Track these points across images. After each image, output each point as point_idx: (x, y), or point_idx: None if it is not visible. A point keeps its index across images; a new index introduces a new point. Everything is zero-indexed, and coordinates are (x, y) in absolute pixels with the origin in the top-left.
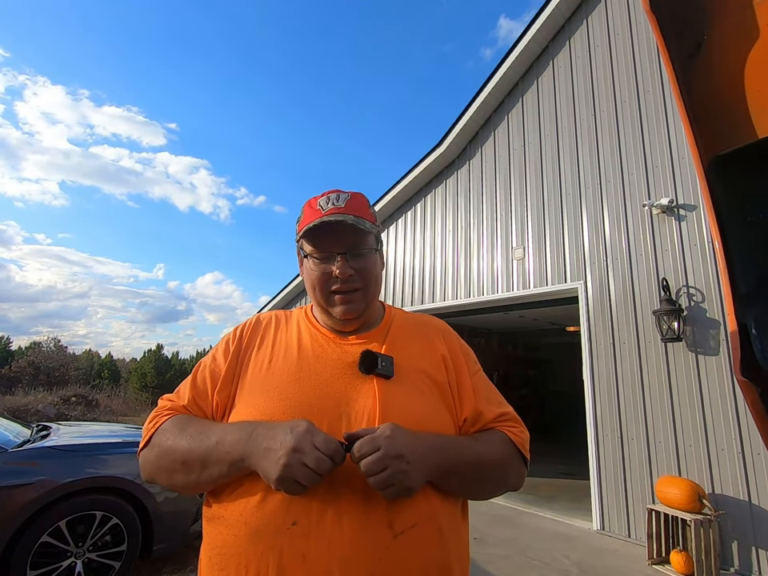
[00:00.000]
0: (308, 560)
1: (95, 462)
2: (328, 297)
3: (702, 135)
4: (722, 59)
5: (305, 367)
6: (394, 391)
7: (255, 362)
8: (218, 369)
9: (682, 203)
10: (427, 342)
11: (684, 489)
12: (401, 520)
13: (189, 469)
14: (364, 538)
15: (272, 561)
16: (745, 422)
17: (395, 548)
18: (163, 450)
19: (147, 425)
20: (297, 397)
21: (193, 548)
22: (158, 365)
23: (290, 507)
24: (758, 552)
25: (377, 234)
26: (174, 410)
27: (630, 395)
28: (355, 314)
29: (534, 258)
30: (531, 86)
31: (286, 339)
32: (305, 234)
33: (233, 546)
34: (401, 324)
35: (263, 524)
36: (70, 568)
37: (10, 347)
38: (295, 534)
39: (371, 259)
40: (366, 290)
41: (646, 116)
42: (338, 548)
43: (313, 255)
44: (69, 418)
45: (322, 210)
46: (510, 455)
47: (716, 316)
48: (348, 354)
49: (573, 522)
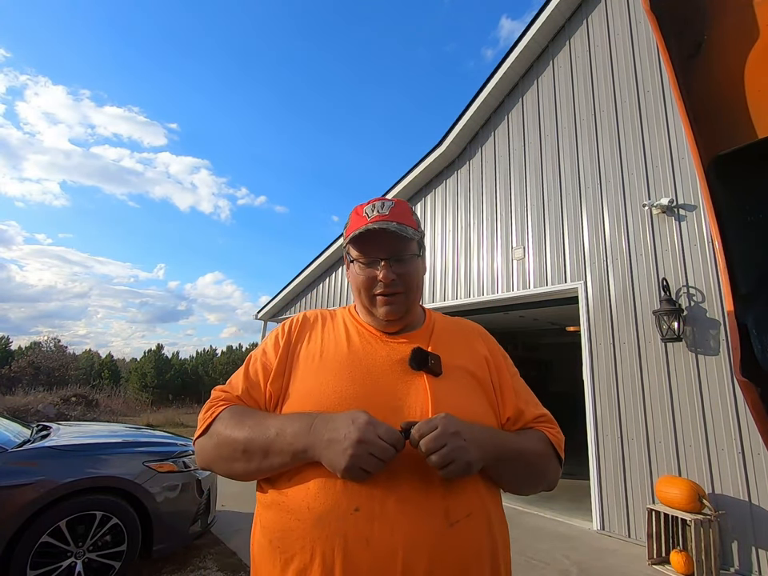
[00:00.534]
0: (372, 544)
1: (95, 461)
2: (372, 299)
3: (702, 135)
4: (722, 59)
5: (356, 362)
6: (443, 387)
7: (306, 356)
8: (270, 362)
9: (682, 203)
10: (469, 344)
11: (684, 489)
12: (456, 509)
13: (249, 458)
14: (424, 525)
15: (337, 544)
16: (745, 421)
17: (451, 535)
18: (223, 439)
19: (204, 414)
20: (350, 390)
21: (193, 548)
22: (158, 365)
23: (353, 494)
24: (758, 552)
25: (419, 240)
26: (228, 400)
27: (629, 395)
28: (397, 315)
29: (534, 258)
30: (531, 86)
31: (334, 335)
32: (351, 240)
33: (296, 530)
34: (442, 326)
35: (326, 510)
36: (70, 568)
37: (10, 347)
38: (359, 520)
39: (413, 265)
40: (407, 293)
41: (645, 116)
42: (400, 533)
43: (359, 260)
44: (69, 417)
45: (367, 218)
46: (549, 453)
47: (716, 316)
48: (396, 351)
49: (573, 521)
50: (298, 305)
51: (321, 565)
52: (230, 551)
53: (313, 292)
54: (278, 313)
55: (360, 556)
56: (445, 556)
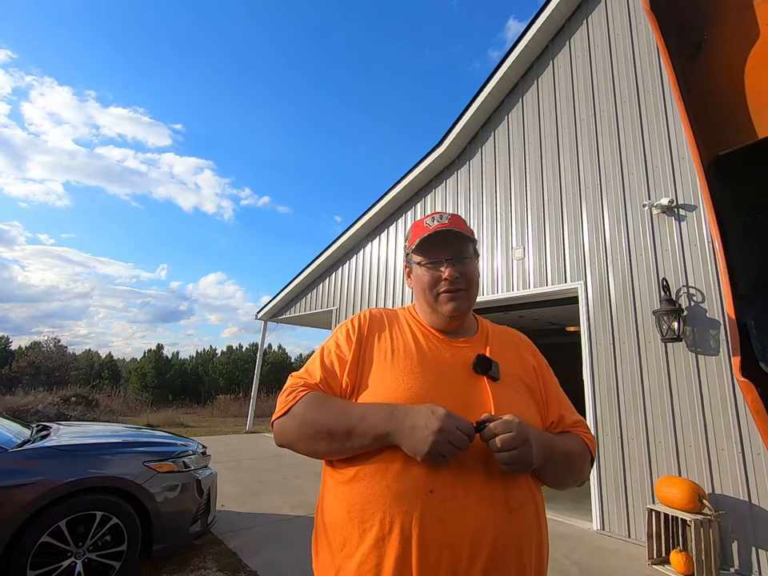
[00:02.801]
0: (444, 523)
1: (95, 461)
2: (437, 297)
3: (701, 135)
4: (721, 59)
5: (426, 363)
6: (502, 391)
7: (378, 352)
8: (344, 355)
9: (682, 203)
10: (519, 353)
11: (684, 489)
12: (514, 498)
13: (333, 438)
14: (489, 510)
15: (415, 519)
16: (745, 421)
17: (511, 520)
18: (307, 420)
19: (285, 398)
20: (424, 387)
21: (193, 548)
22: (158, 365)
23: (428, 477)
24: (758, 552)
25: (474, 245)
26: (308, 386)
27: (629, 395)
28: (461, 311)
29: (534, 258)
30: (531, 86)
31: (402, 335)
32: (418, 245)
33: (376, 504)
34: (495, 333)
35: (405, 489)
36: (69, 568)
37: (10, 347)
38: (433, 500)
39: (472, 264)
40: (468, 290)
41: (645, 116)
42: (469, 515)
43: (423, 263)
44: (69, 417)
45: (429, 227)
46: (585, 455)
47: (716, 316)
48: (460, 354)
49: (573, 522)
50: (297, 305)
51: (399, 535)
52: (230, 551)
53: (313, 292)
54: (277, 313)
55: (434, 531)
56: (506, 537)
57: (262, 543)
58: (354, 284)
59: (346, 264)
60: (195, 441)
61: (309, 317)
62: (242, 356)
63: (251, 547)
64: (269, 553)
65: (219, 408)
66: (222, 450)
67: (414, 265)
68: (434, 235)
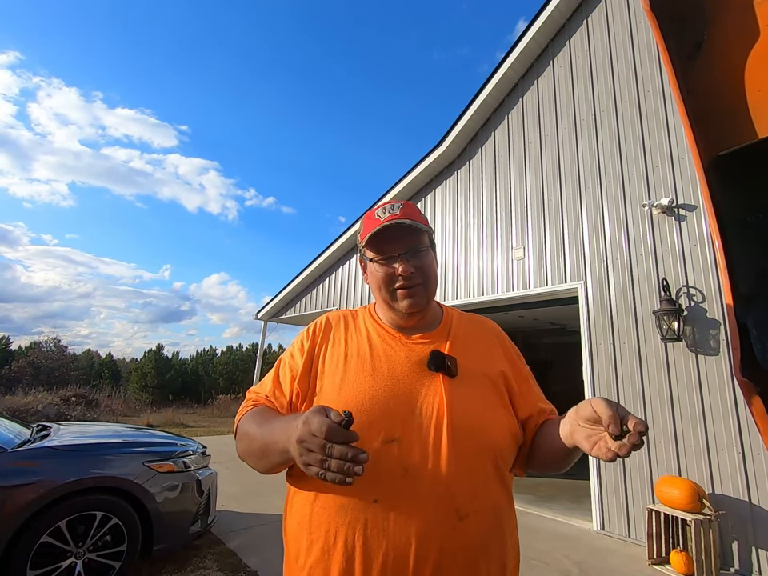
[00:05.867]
0: (388, 533)
1: (95, 461)
2: (392, 294)
3: (701, 135)
4: (722, 59)
5: (377, 364)
6: (458, 388)
7: (331, 358)
8: (296, 364)
9: (682, 203)
10: (485, 345)
11: (684, 489)
12: (466, 505)
13: (261, 455)
14: (436, 518)
15: (358, 531)
16: (745, 422)
17: (461, 528)
18: (245, 438)
19: (237, 416)
20: (373, 391)
21: (193, 548)
22: (158, 365)
23: (372, 486)
24: (758, 552)
25: (430, 235)
26: (256, 401)
27: (630, 395)
28: (419, 307)
29: (534, 258)
30: (531, 86)
31: (356, 338)
32: (369, 240)
33: (322, 515)
34: (460, 325)
35: (349, 500)
36: (70, 568)
37: (10, 347)
38: (378, 510)
39: (428, 257)
40: (426, 284)
41: (645, 116)
42: (414, 524)
43: (376, 259)
44: (69, 417)
45: (380, 219)
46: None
47: (716, 316)
48: (415, 352)
49: (573, 522)
50: (297, 305)
51: (343, 547)
52: (230, 551)
53: (313, 292)
54: (277, 313)
55: (378, 542)
56: (454, 546)
57: (262, 543)
58: (354, 284)
59: (345, 264)
60: (195, 441)
61: (309, 317)
62: (243, 356)
63: (251, 547)
64: (269, 553)
65: (219, 408)
66: (222, 450)
67: (367, 261)
68: (384, 229)
